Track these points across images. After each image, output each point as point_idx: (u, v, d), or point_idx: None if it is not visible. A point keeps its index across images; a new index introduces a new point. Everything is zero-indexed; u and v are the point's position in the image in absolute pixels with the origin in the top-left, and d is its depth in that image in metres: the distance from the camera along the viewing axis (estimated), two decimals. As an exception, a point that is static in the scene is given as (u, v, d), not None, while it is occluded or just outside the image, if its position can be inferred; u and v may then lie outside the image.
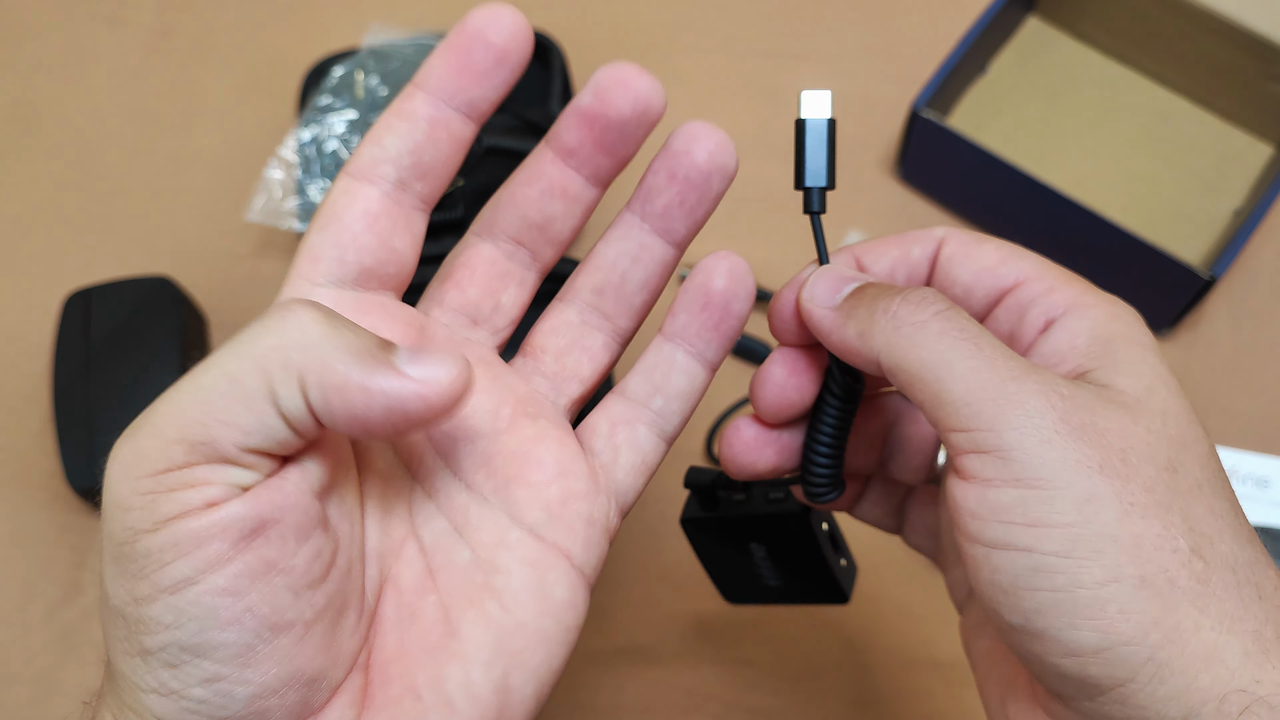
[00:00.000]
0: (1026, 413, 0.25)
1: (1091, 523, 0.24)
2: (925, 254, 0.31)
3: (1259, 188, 0.60)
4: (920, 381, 0.26)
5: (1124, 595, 0.24)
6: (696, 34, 0.68)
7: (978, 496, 0.25)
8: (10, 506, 0.55)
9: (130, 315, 0.55)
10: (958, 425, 0.26)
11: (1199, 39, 0.61)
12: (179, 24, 0.69)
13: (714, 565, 0.41)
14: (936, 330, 0.26)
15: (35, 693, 0.51)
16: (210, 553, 0.22)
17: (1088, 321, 0.28)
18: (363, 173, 0.28)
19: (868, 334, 0.27)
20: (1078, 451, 0.24)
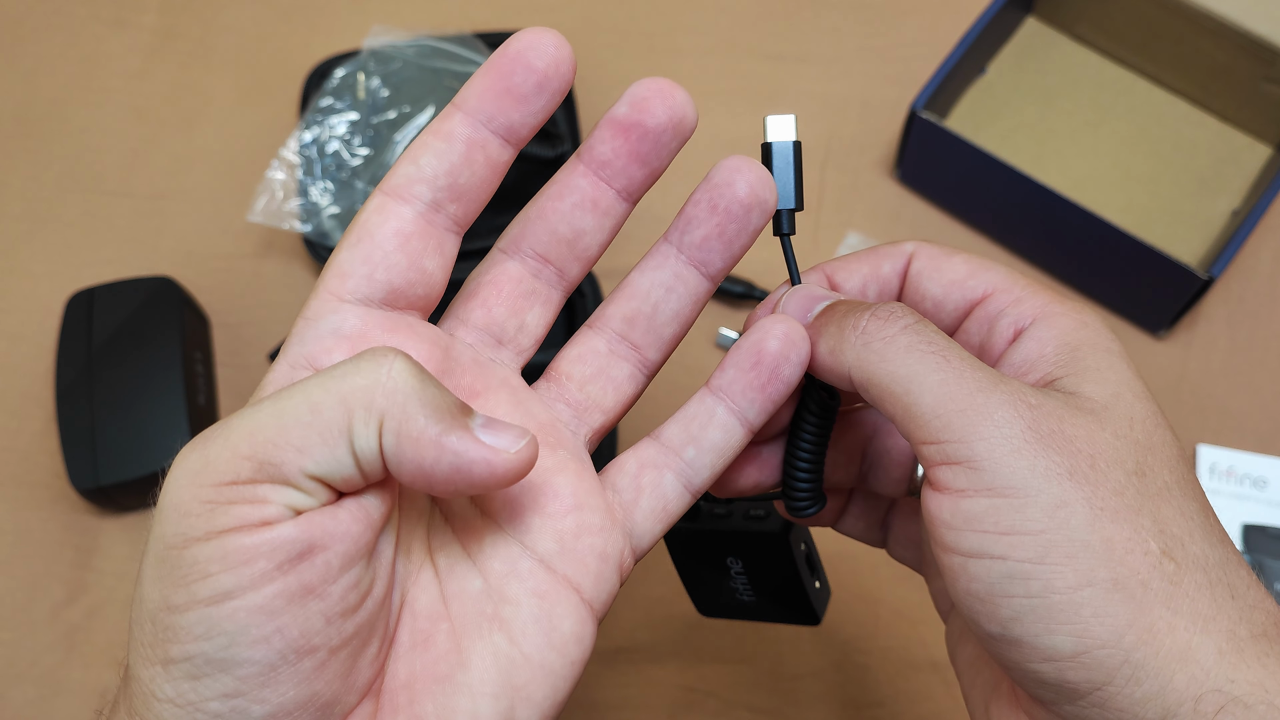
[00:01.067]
0: (995, 423, 0.25)
1: (1063, 528, 0.24)
2: (895, 269, 0.31)
3: (1257, 188, 0.60)
4: (890, 395, 0.27)
5: (1098, 599, 0.24)
6: (696, 35, 0.68)
7: (951, 507, 0.26)
8: (13, 506, 0.55)
9: (132, 315, 0.56)
10: (929, 438, 0.26)
11: (1197, 40, 0.61)
12: (181, 25, 0.69)
13: (690, 576, 0.41)
14: (905, 344, 0.27)
15: (39, 692, 0.51)
16: (255, 570, 0.23)
17: (1055, 330, 0.28)
18: (397, 191, 0.28)
19: (838, 350, 0.28)
20: (1047, 459, 0.25)
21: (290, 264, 0.62)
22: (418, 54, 0.62)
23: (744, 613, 0.40)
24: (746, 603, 0.40)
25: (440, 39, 0.62)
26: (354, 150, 0.60)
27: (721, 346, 0.59)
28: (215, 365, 0.59)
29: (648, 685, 0.51)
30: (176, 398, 0.54)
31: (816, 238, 0.62)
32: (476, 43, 0.62)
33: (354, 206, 0.59)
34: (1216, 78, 0.62)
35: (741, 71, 0.67)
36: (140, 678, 0.24)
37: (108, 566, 0.54)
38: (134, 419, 0.53)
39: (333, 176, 0.60)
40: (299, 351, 0.28)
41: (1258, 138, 0.63)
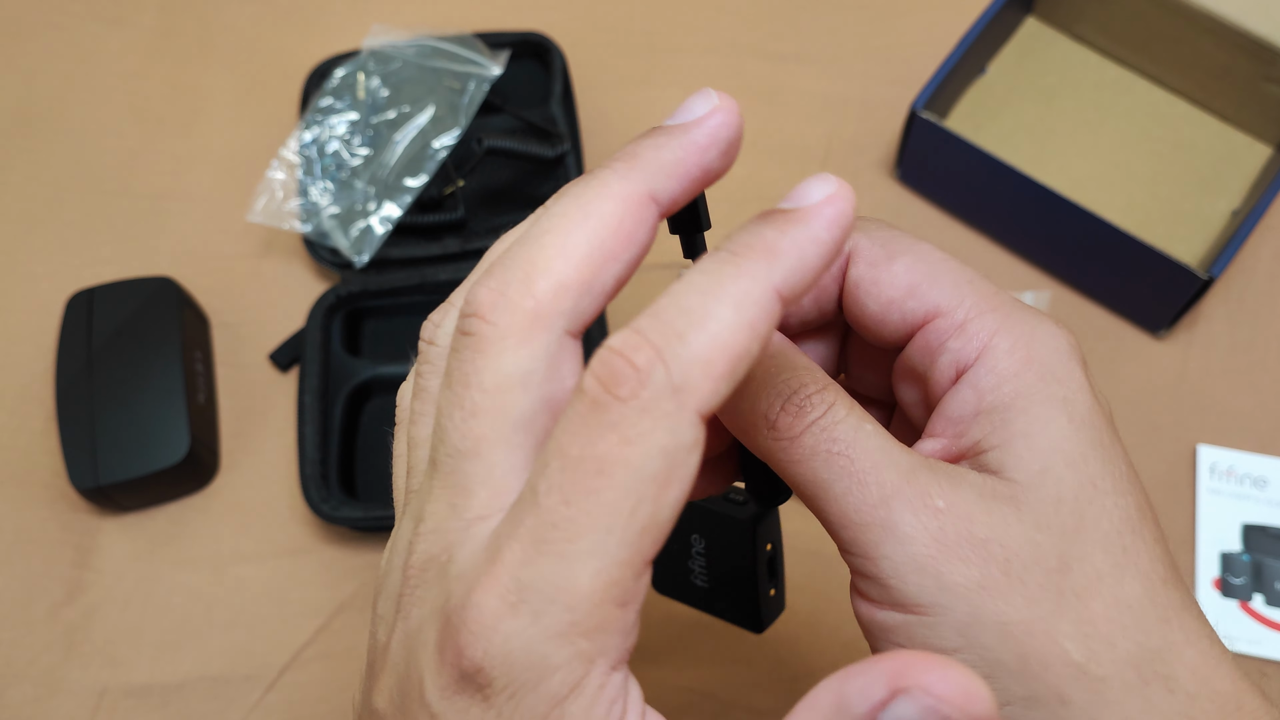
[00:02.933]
0: (898, 539, 0.24)
1: (974, 647, 0.24)
2: (833, 275, 0.28)
3: (1257, 188, 0.60)
4: (805, 498, 0.26)
5: (1015, 718, 0.23)
6: (696, 35, 0.68)
7: (868, 615, 0.25)
8: (13, 506, 0.55)
9: (132, 315, 0.56)
10: (842, 548, 0.25)
11: (1197, 40, 0.61)
12: (181, 25, 0.69)
13: None
14: (809, 448, 0.25)
15: (38, 691, 0.51)
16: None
17: (994, 378, 0.26)
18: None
19: (750, 437, 0.26)
20: (955, 573, 0.24)
21: (290, 264, 0.62)
22: (418, 54, 0.62)
23: (694, 598, 0.40)
24: (699, 588, 0.39)
25: (440, 39, 0.62)
26: (354, 150, 0.60)
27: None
28: (215, 365, 0.59)
29: (645, 686, 0.51)
30: (176, 397, 0.54)
31: (816, 238, 0.62)
32: (476, 43, 0.62)
33: (354, 206, 0.59)
34: (1216, 78, 0.62)
35: (741, 71, 0.67)
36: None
37: (107, 566, 0.54)
38: (134, 419, 0.53)
39: (333, 176, 0.60)
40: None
41: (1258, 138, 0.63)
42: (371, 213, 0.59)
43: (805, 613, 0.52)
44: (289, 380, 0.59)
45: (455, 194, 0.60)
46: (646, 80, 0.67)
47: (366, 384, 0.57)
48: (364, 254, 0.58)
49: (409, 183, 0.59)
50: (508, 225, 0.61)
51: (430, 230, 0.60)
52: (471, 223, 0.61)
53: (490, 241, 0.60)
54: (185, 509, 0.55)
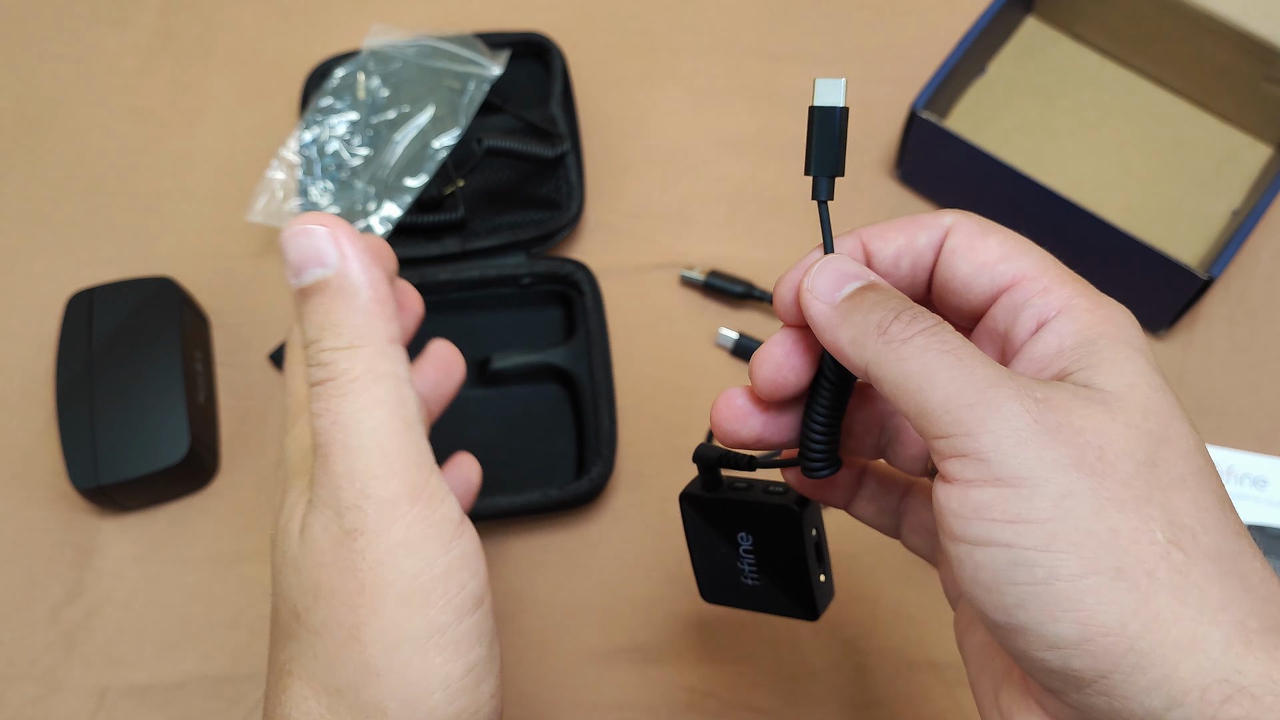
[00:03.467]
0: (1002, 416, 0.26)
1: (1068, 517, 0.25)
2: (931, 242, 0.32)
3: (1257, 188, 0.60)
4: (904, 393, 0.27)
5: (1101, 586, 0.24)
6: (696, 35, 0.68)
7: (959, 497, 0.26)
8: (13, 505, 0.55)
9: (133, 315, 0.56)
10: (939, 432, 0.27)
11: (1197, 40, 0.61)
12: (181, 25, 0.69)
13: (699, 551, 0.41)
14: (921, 345, 0.27)
15: (39, 691, 0.51)
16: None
17: (1076, 324, 0.29)
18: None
19: (859, 343, 0.29)
20: (1053, 450, 0.25)
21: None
22: (418, 54, 0.62)
23: (745, 599, 0.41)
24: (749, 587, 0.40)
25: (440, 39, 0.62)
26: (354, 150, 0.60)
27: (722, 346, 0.59)
28: (215, 365, 0.59)
29: (647, 685, 0.51)
30: (176, 397, 0.54)
31: (816, 237, 0.62)
32: (476, 42, 0.62)
33: (354, 206, 0.59)
34: (1216, 78, 0.62)
35: (741, 71, 0.67)
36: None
37: (107, 566, 0.54)
38: (134, 418, 0.53)
39: (333, 176, 0.60)
40: None
41: (1258, 138, 0.63)
42: (371, 213, 0.59)
43: (805, 612, 0.52)
44: (289, 380, 0.59)
45: (455, 194, 0.60)
46: (646, 80, 0.67)
47: (367, 384, 0.57)
48: (364, 254, 0.58)
49: (409, 183, 0.59)
50: (508, 225, 0.61)
51: (430, 230, 0.60)
52: (471, 223, 0.61)
53: (490, 241, 0.60)
54: (186, 509, 0.55)
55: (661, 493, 0.55)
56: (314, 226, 0.33)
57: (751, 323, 0.59)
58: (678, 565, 0.53)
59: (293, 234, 0.33)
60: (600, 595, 0.53)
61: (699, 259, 0.61)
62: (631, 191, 0.63)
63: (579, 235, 0.62)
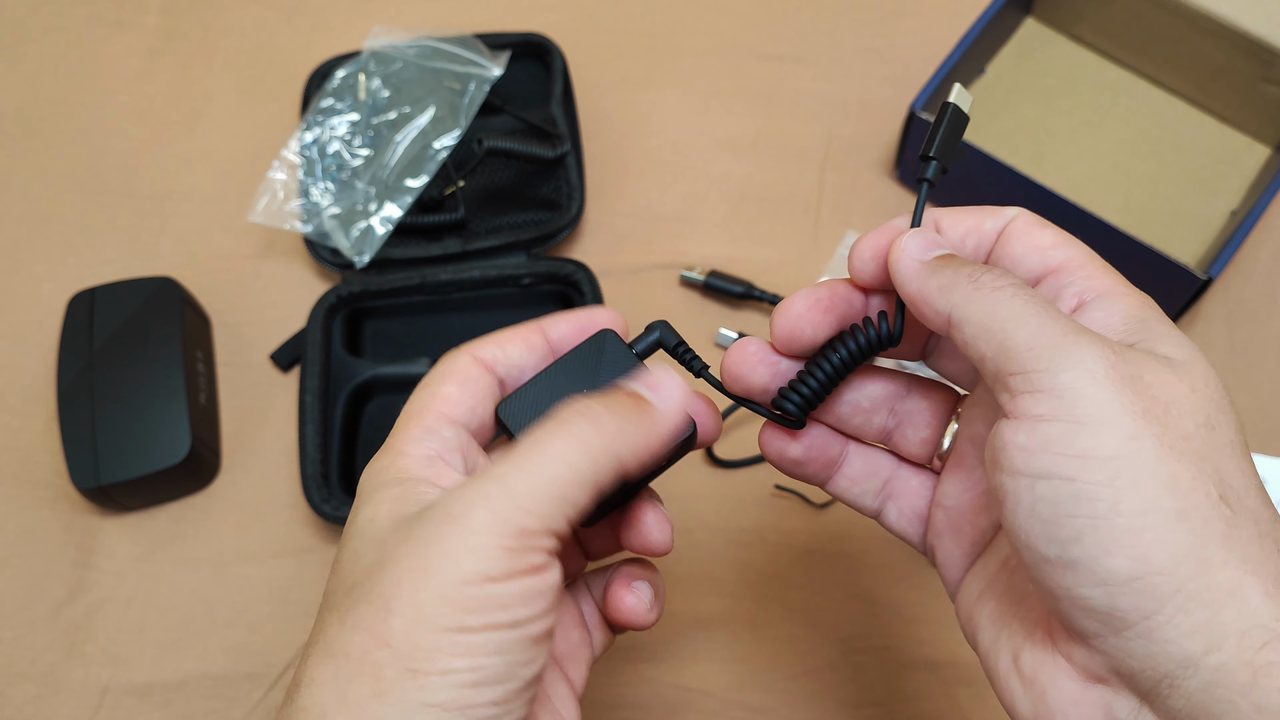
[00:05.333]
0: (1082, 358, 0.27)
1: (1134, 457, 0.26)
2: (996, 228, 0.34)
3: (1255, 189, 0.60)
4: (988, 332, 0.29)
5: (1160, 524, 0.26)
6: (696, 36, 0.68)
7: (1028, 430, 0.27)
8: (15, 505, 0.56)
9: (134, 315, 0.56)
10: (1018, 368, 0.28)
11: (1195, 41, 0.61)
12: (183, 27, 0.69)
13: None
14: (1010, 293, 0.29)
15: (40, 690, 0.51)
16: (540, 605, 0.28)
17: (1121, 305, 0.30)
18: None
19: (949, 288, 0.30)
20: (1124, 396, 0.27)
21: (291, 264, 0.62)
22: (418, 55, 0.62)
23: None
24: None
25: (440, 40, 0.62)
26: (355, 151, 0.61)
27: (721, 346, 0.59)
28: (216, 365, 0.59)
29: (644, 684, 0.51)
30: (178, 397, 0.54)
31: (816, 237, 0.62)
32: (476, 43, 0.62)
33: (354, 206, 0.59)
34: (1215, 78, 0.62)
35: (741, 71, 0.67)
36: (398, 689, 0.27)
37: (108, 566, 0.54)
38: (135, 419, 0.53)
39: (333, 177, 0.60)
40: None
41: (1256, 138, 0.63)
42: (372, 213, 0.59)
43: (802, 611, 0.53)
44: (290, 380, 0.59)
45: (456, 194, 0.60)
46: (646, 80, 0.67)
47: (367, 384, 0.57)
48: (365, 254, 0.58)
49: (410, 183, 0.60)
50: (508, 225, 0.62)
51: (431, 230, 0.60)
52: (472, 223, 0.61)
53: (491, 242, 0.60)
54: (186, 508, 0.56)
55: (662, 491, 0.55)
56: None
57: (751, 323, 0.60)
58: (675, 564, 0.54)
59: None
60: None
61: (699, 259, 0.61)
62: (631, 192, 0.64)
63: (579, 235, 0.62)
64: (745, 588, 0.53)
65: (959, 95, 0.35)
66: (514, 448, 0.30)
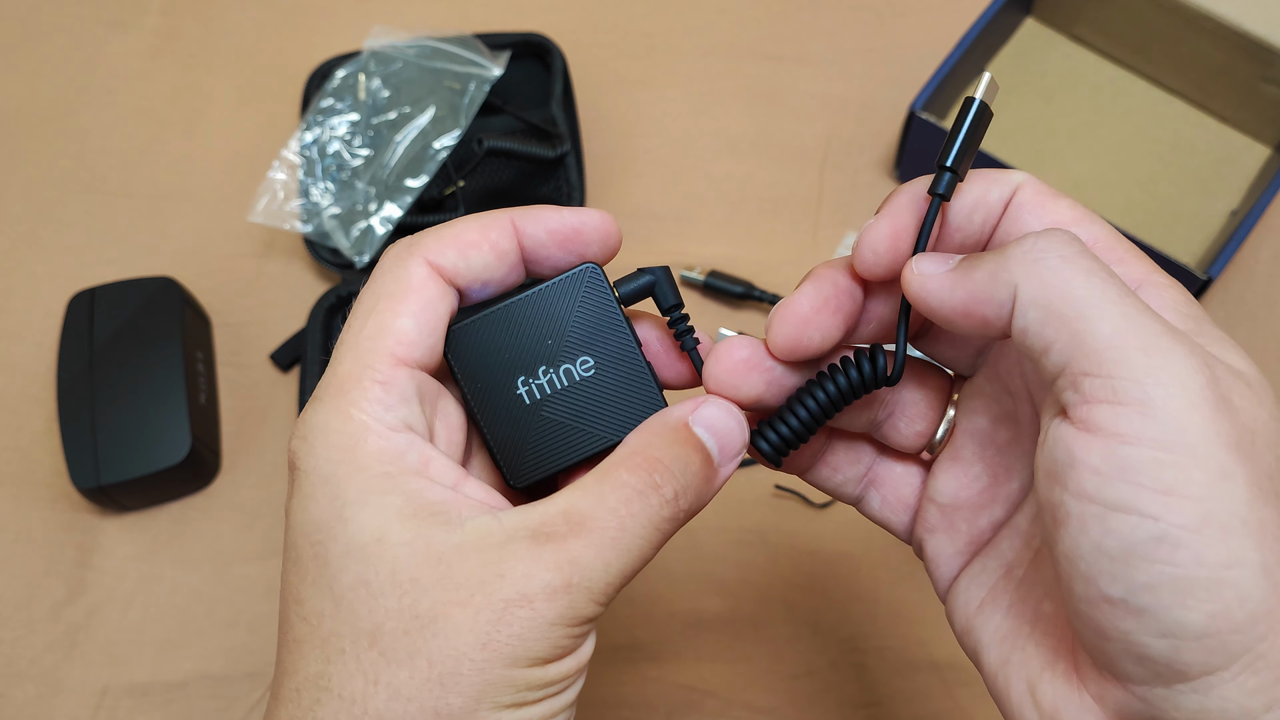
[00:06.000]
0: (1177, 371, 0.23)
1: (1225, 500, 0.23)
2: (1001, 197, 0.29)
3: (1255, 189, 0.61)
4: (1060, 318, 0.24)
5: (1245, 580, 0.23)
6: (696, 36, 0.68)
7: (1105, 451, 0.23)
8: (15, 505, 0.56)
9: (134, 315, 0.56)
10: (1096, 369, 0.24)
11: (1195, 41, 0.61)
12: (183, 27, 0.69)
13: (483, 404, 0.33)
14: (1085, 267, 0.25)
15: (40, 690, 0.51)
16: (578, 680, 0.28)
17: (1166, 297, 0.27)
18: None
19: (1000, 271, 0.25)
20: (1219, 424, 0.23)
21: (291, 264, 0.62)
22: (418, 55, 0.62)
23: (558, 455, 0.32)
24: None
25: (440, 40, 0.62)
26: (354, 151, 0.61)
27: (721, 346, 0.59)
28: (216, 365, 0.59)
29: (646, 684, 0.51)
30: (178, 397, 0.54)
31: (816, 237, 0.62)
32: (476, 43, 0.62)
33: (355, 207, 0.59)
34: (1215, 78, 0.62)
35: (741, 71, 0.67)
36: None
37: (108, 566, 0.54)
38: (135, 419, 0.53)
39: (333, 177, 0.60)
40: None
41: (1256, 138, 0.63)
42: (372, 213, 0.59)
43: (805, 611, 0.52)
44: (290, 380, 0.59)
45: (456, 194, 0.60)
46: (646, 81, 0.67)
47: (367, 384, 0.57)
48: (365, 254, 0.58)
49: (410, 183, 0.60)
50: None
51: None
52: (472, 223, 0.61)
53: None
54: (186, 508, 0.56)
55: (661, 492, 0.55)
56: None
57: (751, 323, 0.60)
58: (676, 564, 0.54)
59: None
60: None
61: (699, 259, 0.61)
62: (631, 192, 0.64)
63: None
64: (747, 588, 0.53)
65: (987, 87, 0.29)
66: (592, 519, 0.27)
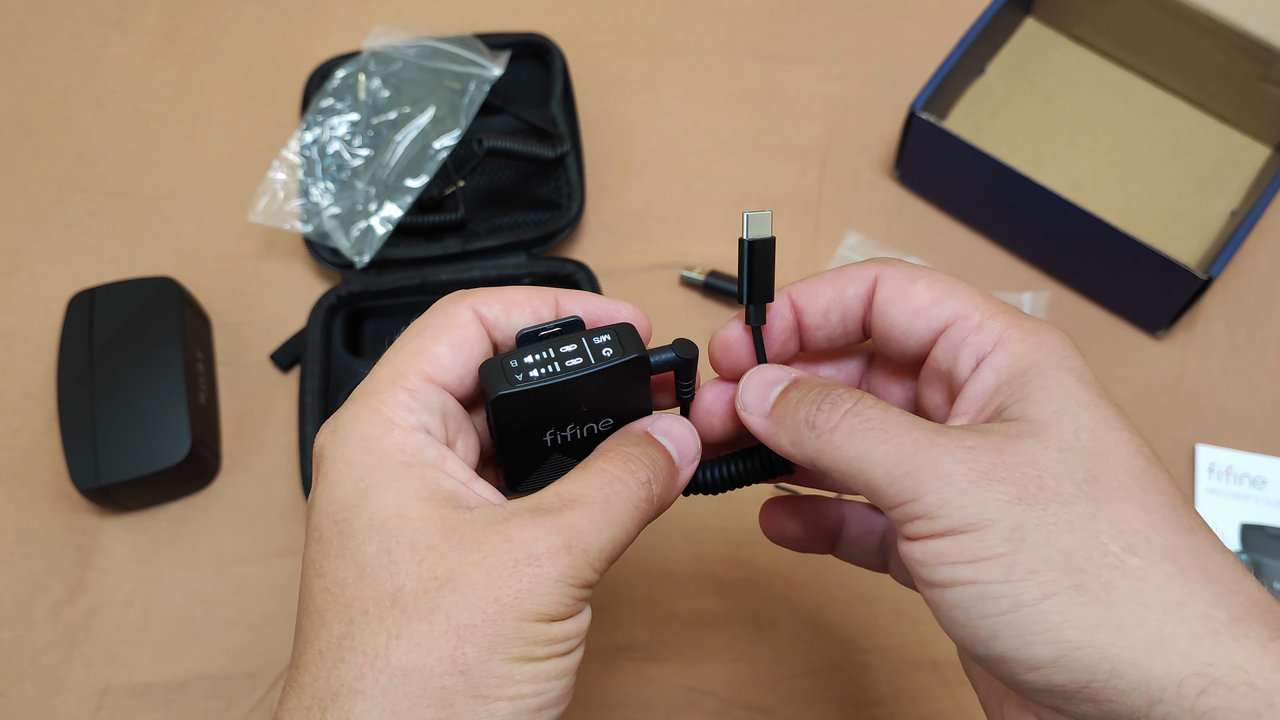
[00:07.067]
0: (938, 474, 0.28)
1: (1021, 548, 0.26)
2: (859, 294, 0.33)
3: (1255, 189, 0.61)
4: (849, 477, 0.29)
5: (1064, 606, 0.26)
6: (696, 36, 0.68)
7: (921, 549, 0.28)
8: (15, 505, 0.55)
9: (134, 315, 0.56)
10: (889, 503, 0.29)
11: (1195, 41, 0.61)
12: (183, 27, 0.69)
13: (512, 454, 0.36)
14: (848, 429, 0.30)
15: (40, 690, 0.51)
16: (581, 639, 0.30)
17: (1010, 357, 0.30)
18: None
19: (798, 443, 0.31)
20: (993, 491, 0.27)
21: (291, 264, 0.62)
22: (418, 55, 0.62)
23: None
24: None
25: (440, 40, 0.62)
26: (354, 151, 0.61)
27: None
28: (216, 365, 0.59)
29: (647, 684, 0.51)
30: (177, 397, 0.54)
31: (817, 238, 0.62)
32: (476, 43, 0.62)
33: (355, 207, 0.59)
34: (1215, 78, 0.62)
35: (741, 71, 0.67)
36: (466, 713, 0.28)
37: (108, 565, 0.54)
38: (135, 419, 0.53)
39: (333, 177, 0.60)
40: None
41: (1256, 138, 0.63)
42: (372, 213, 0.59)
43: (806, 611, 0.52)
44: (290, 380, 0.59)
45: (456, 194, 0.60)
46: (646, 81, 0.67)
47: (367, 384, 0.57)
48: (365, 254, 0.58)
49: (409, 183, 0.59)
50: (508, 226, 0.61)
51: (431, 230, 0.60)
52: (472, 223, 0.61)
53: (491, 242, 0.60)
54: (187, 508, 0.56)
55: (661, 492, 0.55)
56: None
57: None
58: (677, 565, 0.53)
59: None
60: (598, 594, 0.53)
61: (699, 259, 0.61)
62: (631, 192, 0.64)
63: (579, 236, 0.62)
64: (747, 587, 0.53)
65: (755, 224, 0.33)
66: (583, 496, 0.31)
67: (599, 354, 0.33)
